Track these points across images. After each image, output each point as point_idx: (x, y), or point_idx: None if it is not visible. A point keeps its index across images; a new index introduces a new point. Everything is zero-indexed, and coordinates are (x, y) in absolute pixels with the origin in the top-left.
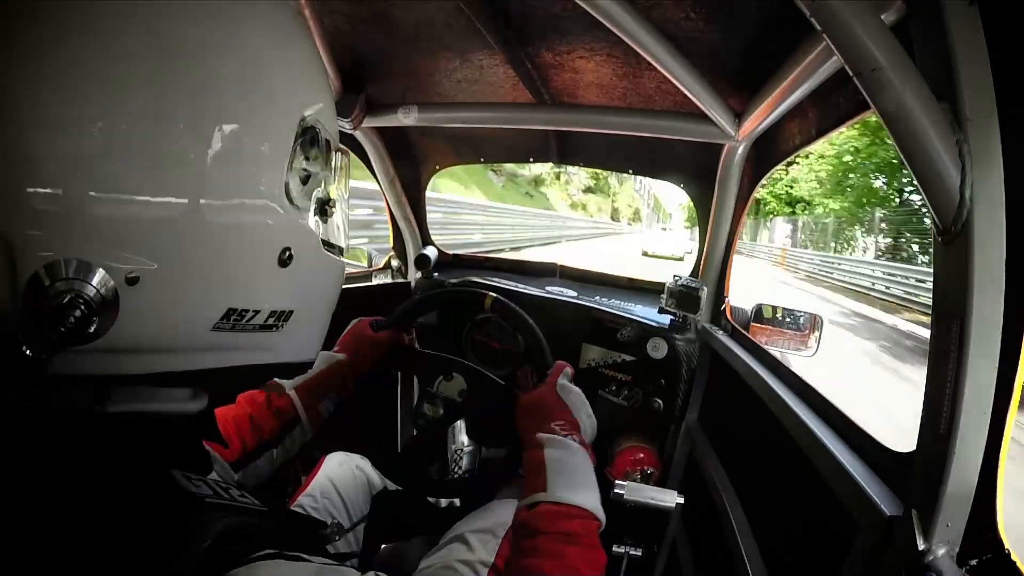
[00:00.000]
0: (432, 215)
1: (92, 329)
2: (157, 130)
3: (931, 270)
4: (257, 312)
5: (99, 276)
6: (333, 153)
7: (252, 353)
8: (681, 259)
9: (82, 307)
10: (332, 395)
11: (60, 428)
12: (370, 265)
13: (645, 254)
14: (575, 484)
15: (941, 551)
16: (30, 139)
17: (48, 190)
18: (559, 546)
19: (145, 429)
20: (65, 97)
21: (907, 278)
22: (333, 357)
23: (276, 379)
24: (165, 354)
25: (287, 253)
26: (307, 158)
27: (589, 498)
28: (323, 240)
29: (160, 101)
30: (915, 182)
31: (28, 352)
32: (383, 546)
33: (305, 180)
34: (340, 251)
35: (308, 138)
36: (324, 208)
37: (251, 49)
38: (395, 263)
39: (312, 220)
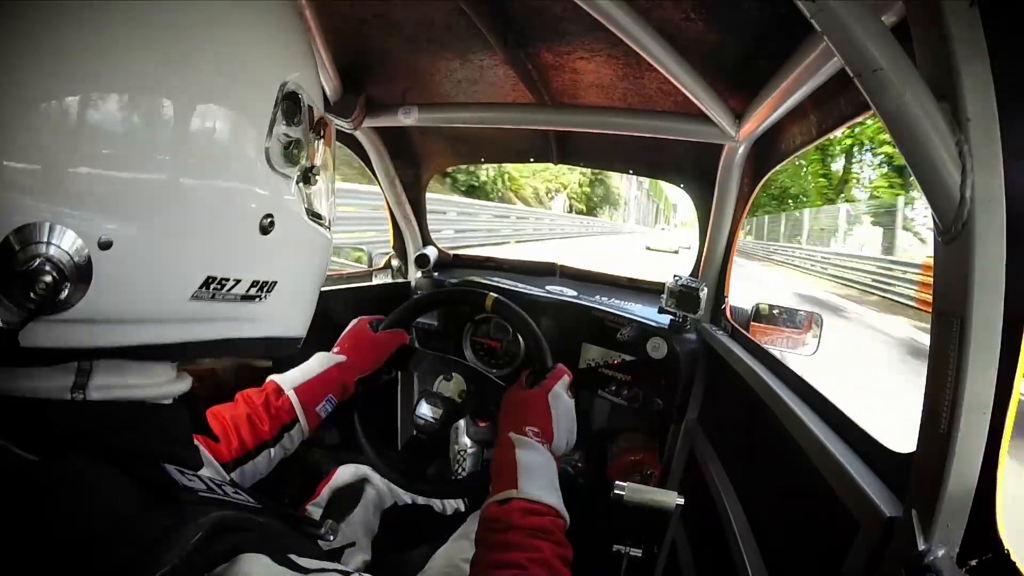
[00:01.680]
0: None
1: (64, 296)
2: (134, 98)
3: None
4: (238, 281)
5: (70, 240)
6: (316, 119)
7: (236, 325)
8: (676, 252)
9: (52, 273)
10: (332, 396)
11: (43, 416)
12: (370, 265)
13: (648, 248)
14: (544, 485)
15: (941, 551)
16: (4, 108)
17: (22, 156)
18: (533, 540)
19: (132, 417)
20: (40, 69)
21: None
22: (333, 359)
23: (276, 379)
24: (144, 325)
25: (268, 220)
26: (289, 124)
27: (556, 499)
28: (307, 209)
29: (136, 71)
30: (915, 182)
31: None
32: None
33: (287, 146)
34: (326, 222)
35: (290, 103)
36: (308, 176)
37: (227, 13)
38: (395, 263)
39: (295, 188)
